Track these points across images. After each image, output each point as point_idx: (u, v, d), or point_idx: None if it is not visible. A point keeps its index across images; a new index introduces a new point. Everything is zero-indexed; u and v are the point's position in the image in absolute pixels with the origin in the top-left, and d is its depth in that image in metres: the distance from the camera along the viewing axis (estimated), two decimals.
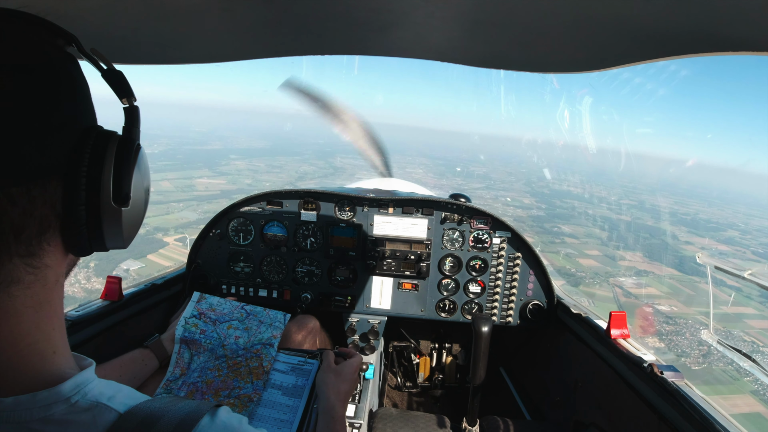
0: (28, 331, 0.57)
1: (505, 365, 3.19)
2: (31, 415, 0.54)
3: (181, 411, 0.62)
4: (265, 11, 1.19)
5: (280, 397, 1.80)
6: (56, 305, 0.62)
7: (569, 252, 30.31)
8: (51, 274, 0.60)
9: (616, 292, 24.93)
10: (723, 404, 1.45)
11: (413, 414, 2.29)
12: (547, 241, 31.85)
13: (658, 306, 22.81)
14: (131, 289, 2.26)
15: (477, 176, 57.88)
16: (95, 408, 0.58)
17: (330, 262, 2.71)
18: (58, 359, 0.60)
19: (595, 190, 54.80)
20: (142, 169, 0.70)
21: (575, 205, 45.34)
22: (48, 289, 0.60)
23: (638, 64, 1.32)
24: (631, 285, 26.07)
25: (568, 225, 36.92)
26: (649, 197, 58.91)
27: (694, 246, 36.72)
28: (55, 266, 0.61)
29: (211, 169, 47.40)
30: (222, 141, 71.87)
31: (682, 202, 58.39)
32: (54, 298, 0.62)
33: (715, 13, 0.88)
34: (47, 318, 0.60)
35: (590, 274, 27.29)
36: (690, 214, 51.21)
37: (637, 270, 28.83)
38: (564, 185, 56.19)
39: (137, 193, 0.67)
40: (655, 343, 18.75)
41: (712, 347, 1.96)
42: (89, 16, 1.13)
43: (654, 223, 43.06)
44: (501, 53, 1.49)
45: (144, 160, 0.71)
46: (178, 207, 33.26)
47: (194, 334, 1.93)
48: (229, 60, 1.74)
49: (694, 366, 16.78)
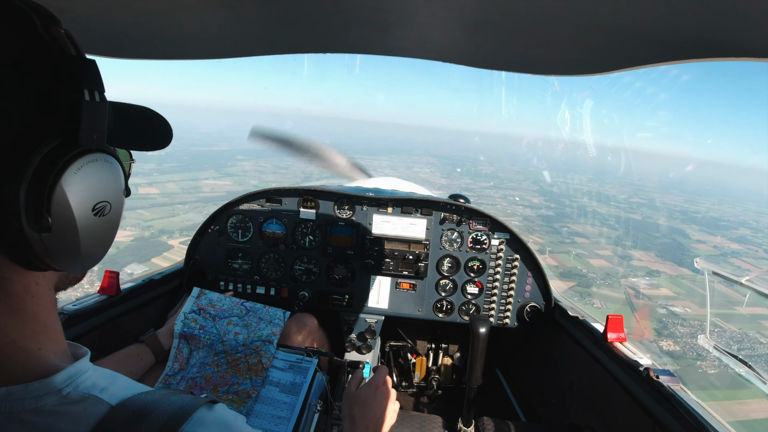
0: (4, 332, 0.57)
1: (501, 366, 3.20)
2: (23, 406, 0.54)
3: (174, 404, 0.61)
4: (268, 8, 1.19)
5: (278, 394, 1.80)
6: (36, 312, 0.60)
7: (580, 252, 29.75)
8: (14, 286, 0.58)
9: (628, 293, 24.42)
10: (740, 409, 1.43)
11: (409, 414, 2.30)
12: (557, 242, 31.30)
13: (672, 308, 22.08)
14: (129, 284, 2.26)
15: (485, 175, 57.09)
16: (87, 400, 0.57)
17: (328, 261, 2.71)
18: (46, 354, 0.60)
19: (604, 189, 54.29)
20: (86, 186, 0.58)
21: (584, 203, 44.77)
22: (16, 298, 0.58)
23: (640, 68, 1.32)
24: (644, 286, 25.53)
25: (578, 224, 36.38)
26: (660, 195, 58.17)
27: (706, 245, 35.99)
28: (16, 278, 0.58)
29: (217, 171, 46.95)
30: (228, 142, 71.29)
31: (693, 200, 57.55)
32: (29, 306, 0.60)
33: (718, 19, 0.89)
34: (23, 322, 0.59)
35: (601, 274, 26.77)
36: (700, 212, 50.39)
37: (649, 270, 28.27)
38: (573, 183, 55.65)
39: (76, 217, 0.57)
40: (670, 346, 18.34)
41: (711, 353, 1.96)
42: (92, 11, 1.13)
43: (665, 222, 42.43)
44: (503, 55, 1.49)
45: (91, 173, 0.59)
46: (183, 209, 32.94)
47: (194, 330, 1.93)
48: (231, 56, 1.74)
49: (710, 370, 16.26)
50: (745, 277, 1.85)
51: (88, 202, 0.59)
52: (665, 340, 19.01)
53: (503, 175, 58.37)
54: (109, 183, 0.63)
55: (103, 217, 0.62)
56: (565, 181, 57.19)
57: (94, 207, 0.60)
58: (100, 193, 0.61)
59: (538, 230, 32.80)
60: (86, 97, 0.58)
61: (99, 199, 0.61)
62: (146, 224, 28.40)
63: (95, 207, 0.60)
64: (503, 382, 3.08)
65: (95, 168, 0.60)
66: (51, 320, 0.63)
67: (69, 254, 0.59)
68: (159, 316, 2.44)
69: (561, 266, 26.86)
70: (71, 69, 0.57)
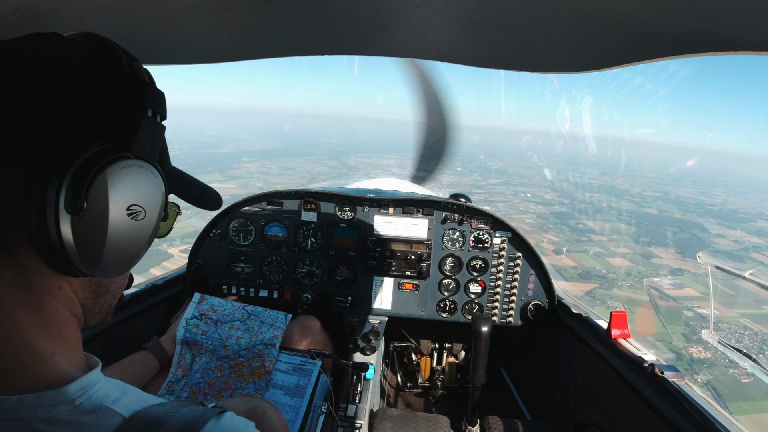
0: (21, 328, 0.58)
1: (505, 365, 3.19)
2: (35, 415, 0.54)
3: (185, 416, 0.62)
4: (266, 11, 1.19)
5: (282, 397, 1.80)
6: (54, 316, 0.62)
7: (598, 251, 28.52)
8: (37, 281, 0.60)
9: (652, 294, 22.96)
10: None
11: (414, 414, 2.29)
12: (573, 240, 30.29)
13: (699, 309, 20.46)
14: (132, 290, 2.26)
15: (495, 171, 55.78)
16: (99, 411, 0.58)
17: (330, 263, 2.71)
18: (59, 360, 0.60)
19: (616, 182, 53.21)
20: (128, 183, 0.63)
21: (598, 198, 43.64)
22: (37, 295, 0.60)
23: (638, 64, 1.32)
24: (668, 286, 24.00)
25: (593, 221, 35.17)
26: (673, 187, 56.78)
27: (726, 239, 34.52)
28: (39, 273, 0.60)
29: (222, 173, 46.35)
30: (235, 144, 70.76)
31: (707, 192, 55.68)
32: (48, 307, 0.62)
33: (715, 13, 0.88)
34: (41, 321, 0.60)
35: (622, 275, 25.55)
36: (717, 204, 48.45)
37: (671, 268, 26.60)
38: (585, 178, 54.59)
39: (110, 210, 0.61)
40: (701, 353, 17.02)
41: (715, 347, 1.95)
42: (89, 16, 1.13)
43: (682, 215, 41.06)
44: (501, 53, 1.49)
45: (135, 176, 0.64)
46: (186, 215, 32.92)
47: (196, 335, 1.93)
48: (230, 60, 1.74)
49: (744, 378, 14.98)
50: (749, 270, 1.84)
51: (124, 200, 0.62)
52: (695, 346, 17.64)
53: (513, 170, 57.23)
54: (148, 192, 0.66)
55: (136, 222, 0.65)
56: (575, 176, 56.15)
57: (129, 207, 0.63)
58: (138, 197, 0.65)
59: (553, 228, 31.97)
60: (149, 114, 0.66)
61: (136, 201, 0.64)
62: None
63: (130, 207, 0.63)
64: (508, 381, 3.07)
65: (140, 173, 0.64)
66: (68, 330, 0.64)
67: (94, 249, 0.61)
68: (162, 320, 2.44)
69: (580, 266, 25.86)
70: (141, 90, 0.66)
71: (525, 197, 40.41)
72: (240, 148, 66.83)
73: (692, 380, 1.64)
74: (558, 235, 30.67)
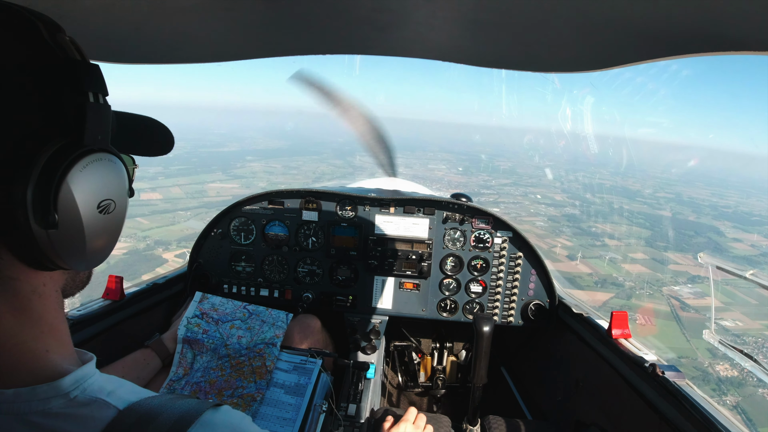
0: (12, 332, 0.58)
1: (506, 365, 3.19)
2: (30, 408, 0.55)
3: (180, 408, 0.62)
4: (267, 11, 1.19)
5: (282, 396, 1.80)
6: (43, 313, 0.62)
7: (613, 257, 27.34)
8: (22, 286, 0.59)
9: (673, 304, 21.96)
10: None
11: None
12: (587, 245, 29.24)
13: (722, 321, 18.85)
14: (133, 289, 2.26)
15: (503, 171, 55.26)
16: (94, 403, 0.58)
17: (331, 262, 2.72)
18: (53, 356, 0.61)
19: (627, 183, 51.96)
20: (91, 183, 0.60)
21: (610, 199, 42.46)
22: (24, 299, 0.60)
23: (640, 64, 1.32)
24: (688, 295, 22.91)
25: (606, 224, 34.21)
26: (685, 188, 55.42)
27: (743, 243, 33.34)
28: (24, 278, 0.60)
29: (225, 173, 45.52)
30: (239, 142, 69.64)
31: (720, 194, 54.06)
32: (36, 307, 0.61)
33: (717, 13, 0.88)
34: (30, 323, 0.60)
35: (640, 283, 24.46)
36: (731, 206, 47.02)
37: (690, 276, 25.30)
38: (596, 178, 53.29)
39: (82, 214, 0.59)
40: (728, 371, 16.23)
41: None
42: (91, 16, 1.13)
43: (696, 218, 39.83)
44: (502, 53, 1.49)
45: (96, 172, 0.61)
46: (185, 216, 31.70)
47: (197, 334, 1.94)
48: (231, 59, 1.74)
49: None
50: (750, 271, 1.84)
51: (93, 199, 0.61)
52: (721, 363, 16.79)
53: (522, 170, 56.40)
54: (113, 182, 0.65)
55: (108, 215, 0.64)
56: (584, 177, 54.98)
57: (99, 204, 0.62)
58: (105, 191, 0.63)
59: (566, 231, 31.11)
60: (90, 99, 0.60)
61: (104, 197, 0.63)
62: (143, 234, 27.45)
63: (100, 204, 0.62)
64: (508, 381, 3.07)
65: (100, 167, 0.62)
66: (58, 322, 0.64)
67: (75, 251, 0.61)
68: (163, 320, 2.44)
69: (595, 274, 24.89)
70: (76, 73, 0.59)
71: (535, 198, 39.79)
72: (245, 146, 66.16)
73: (721, 402, 1.60)
74: (571, 239, 29.86)
